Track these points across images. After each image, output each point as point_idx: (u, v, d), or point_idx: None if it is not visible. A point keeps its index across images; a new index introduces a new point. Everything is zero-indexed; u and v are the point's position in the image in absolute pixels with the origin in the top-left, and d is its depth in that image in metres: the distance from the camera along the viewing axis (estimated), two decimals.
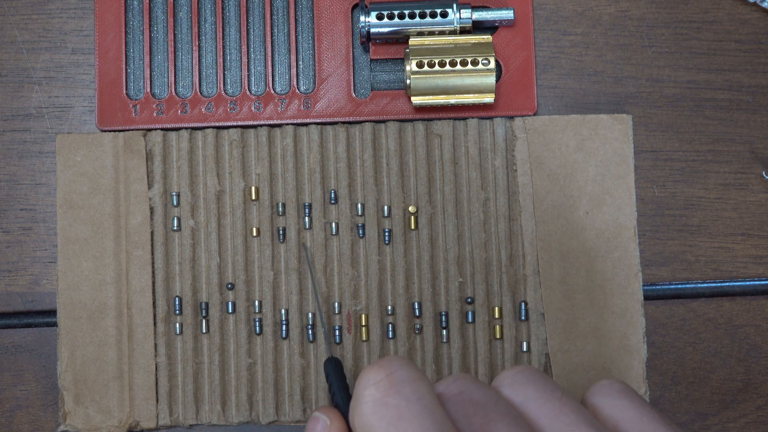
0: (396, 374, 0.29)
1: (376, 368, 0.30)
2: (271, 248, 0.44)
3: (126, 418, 0.43)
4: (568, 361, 0.43)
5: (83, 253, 0.43)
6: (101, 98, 0.44)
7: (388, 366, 0.30)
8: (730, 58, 0.45)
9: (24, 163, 0.45)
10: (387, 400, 0.29)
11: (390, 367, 0.30)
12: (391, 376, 0.29)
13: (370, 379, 0.29)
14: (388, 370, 0.30)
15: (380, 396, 0.29)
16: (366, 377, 0.30)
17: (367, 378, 0.30)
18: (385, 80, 0.45)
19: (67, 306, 0.43)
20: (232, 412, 0.43)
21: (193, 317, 0.43)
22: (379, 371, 0.30)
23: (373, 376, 0.30)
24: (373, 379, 0.29)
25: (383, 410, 0.29)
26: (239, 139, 0.44)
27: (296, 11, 0.45)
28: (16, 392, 0.44)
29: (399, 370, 0.30)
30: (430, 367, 0.43)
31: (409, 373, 0.30)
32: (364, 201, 0.44)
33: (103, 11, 0.45)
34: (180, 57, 0.45)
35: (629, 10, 0.45)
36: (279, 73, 0.45)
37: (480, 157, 0.44)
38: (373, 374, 0.30)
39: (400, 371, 0.30)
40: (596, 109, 0.45)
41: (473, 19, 0.44)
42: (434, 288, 0.44)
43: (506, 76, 0.45)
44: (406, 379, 0.29)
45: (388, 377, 0.29)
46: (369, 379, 0.29)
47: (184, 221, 0.44)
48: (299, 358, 0.43)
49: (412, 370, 0.30)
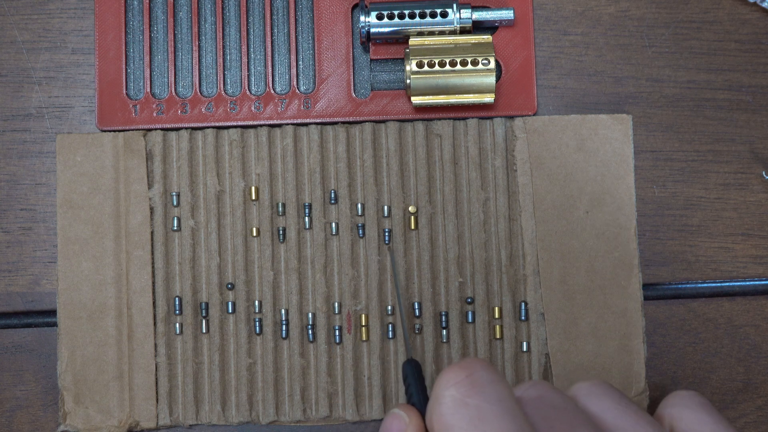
0: (477, 375, 0.30)
1: (457, 369, 0.30)
2: (271, 248, 0.44)
3: (126, 418, 0.43)
4: (568, 361, 0.43)
5: (83, 253, 0.43)
6: (101, 98, 0.44)
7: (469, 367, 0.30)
8: (730, 58, 0.45)
9: (24, 163, 0.45)
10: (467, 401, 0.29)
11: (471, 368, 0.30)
12: (472, 376, 0.30)
13: (450, 379, 0.30)
14: (469, 371, 0.30)
15: (460, 396, 0.29)
16: (446, 377, 0.30)
17: (448, 378, 0.30)
18: (385, 80, 0.45)
19: (67, 306, 0.43)
20: (232, 412, 0.43)
21: (193, 317, 0.43)
22: (459, 372, 0.30)
23: (453, 376, 0.30)
24: (453, 379, 0.30)
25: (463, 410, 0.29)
26: (239, 139, 0.44)
27: (296, 11, 0.45)
28: (16, 392, 0.44)
29: (480, 371, 0.30)
30: (430, 367, 0.43)
31: (490, 375, 0.30)
32: (364, 201, 0.44)
33: (103, 11, 0.45)
34: (180, 57, 0.45)
35: (629, 10, 0.45)
36: (279, 73, 0.45)
37: (480, 157, 0.44)
38: (453, 375, 0.30)
39: (481, 372, 0.30)
40: (596, 109, 0.45)
41: (473, 19, 0.44)
42: (434, 288, 0.44)
43: (506, 76, 0.45)
44: (487, 380, 0.30)
45: (468, 378, 0.29)
46: (449, 380, 0.30)
47: (184, 221, 0.44)
48: (299, 358, 0.43)
49: (493, 371, 0.30)
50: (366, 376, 0.43)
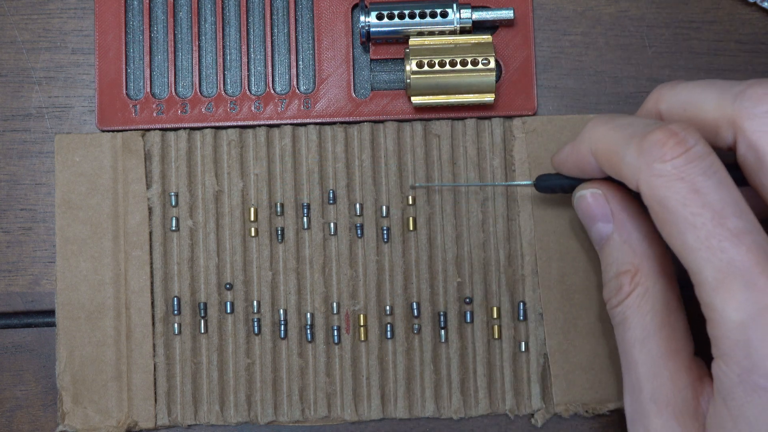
0: (693, 150, 0.31)
1: (673, 143, 0.31)
2: (269, 248, 0.44)
3: (124, 418, 0.43)
4: (566, 361, 0.43)
5: (82, 253, 0.43)
6: (101, 98, 0.44)
7: (684, 141, 0.31)
8: (730, 58, 0.45)
9: (24, 163, 0.45)
10: (683, 176, 0.30)
11: (685, 143, 0.31)
12: (689, 152, 0.31)
13: (666, 153, 0.31)
14: (684, 146, 0.31)
15: (676, 172, 0.30)
16: (661, 151, 0.31)
17: (663, 152, 0.31)
18: (385, 80, 0.45)
19: (65, 306, 0.43)
20: (231, 412, 0.43)
21: (191, 317, 0.43)
22: (676, 148, 0.31)
23: (669, 151, 0.31)
24: (670, 154, 0.31)
25: (679, 185, 0.30)
26: (238, 140, 0.44)
27: (296, 11, 0.45)
28: (16, 392, 0.44)
29: (696, 146, 0.31)
30: (429, 368, 0.43)
31: (704, 148, 0.31)
32: (362, 201, 0.44)
33: (103, 11, 0.45)
34: (180, 57, 0.45)
35: (629, 10, 0.45)
36: (279, 73, 0.45)
37: (478, 157, 0.44)
38: (670, 150, 0.31)
39: (697, 147, 0.31)
40: (596, 109, 0.45)
41: (473, 19, 0.44)
42: (433, 288, 0.44)
43: (506, 76, 0.45)
44: (702, 153, 0.31)
45: (686, 154, 0.31)
46: (665, 154, 0.31)
47: (182, 221, 0.44)
48: (297, 358, 0.43)
49: (705, 144, 0.31)
50: (364, 376, 0.43)
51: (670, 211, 0.30)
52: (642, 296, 0.34)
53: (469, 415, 0.43)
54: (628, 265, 0.35)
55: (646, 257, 0.35)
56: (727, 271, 0.29)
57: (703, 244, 0.30)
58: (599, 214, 0.36)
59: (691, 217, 0.30)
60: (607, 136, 0.34)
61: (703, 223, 0.30)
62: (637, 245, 0.35)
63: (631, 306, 0.34)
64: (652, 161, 0.31)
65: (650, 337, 0.34)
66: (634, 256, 0.35)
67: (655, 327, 0.34)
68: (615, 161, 0.33)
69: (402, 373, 0.43)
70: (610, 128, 0.34)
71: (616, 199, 0.36)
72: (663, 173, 0.30)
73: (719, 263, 0.29)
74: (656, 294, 0.34)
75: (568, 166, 0.38)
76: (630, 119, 0.34)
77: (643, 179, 0.31)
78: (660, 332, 0.34)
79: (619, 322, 0.35)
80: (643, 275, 0.34)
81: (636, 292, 0.34)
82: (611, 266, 0.36)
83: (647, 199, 0.31)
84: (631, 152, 0.32)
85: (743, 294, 0.29)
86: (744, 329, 0.29)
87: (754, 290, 0.29)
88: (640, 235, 0.35)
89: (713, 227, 0.30)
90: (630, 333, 0.34)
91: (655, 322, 0.34)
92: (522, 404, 0.43)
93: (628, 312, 0.34)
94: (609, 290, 0.36)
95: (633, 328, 0.34)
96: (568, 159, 0.37)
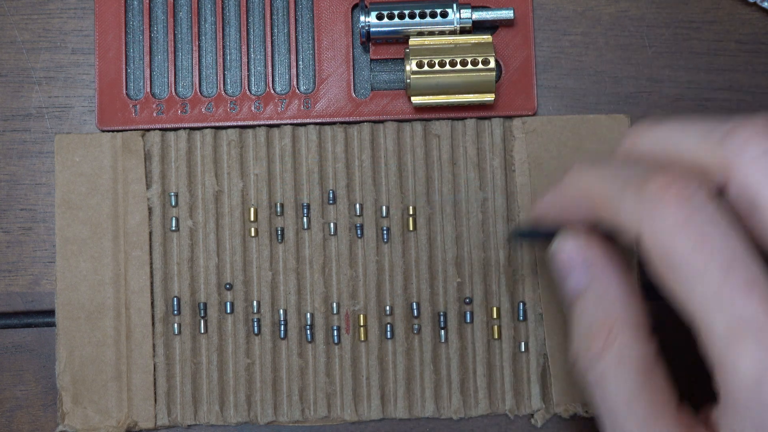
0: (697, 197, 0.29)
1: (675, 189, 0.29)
2: (269, 248, 0.44)
3: (124, 418, 0.43)
4: (566, 361, 0.43)
5: (81, 253, 0.43)
6: (101, 98, 0.44)
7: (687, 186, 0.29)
8: (730, 58, 0.45)
9: (24, 163, 0.45)
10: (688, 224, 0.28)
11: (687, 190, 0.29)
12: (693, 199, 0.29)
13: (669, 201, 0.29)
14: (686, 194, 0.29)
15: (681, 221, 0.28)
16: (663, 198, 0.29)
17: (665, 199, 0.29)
18: (385, 80, 0.45)
19: (65, 306, 0.43)
20: (231, 412, 0.43)
21: (191, 317, 0.43)
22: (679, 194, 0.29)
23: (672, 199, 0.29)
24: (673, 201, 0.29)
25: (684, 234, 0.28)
26: (237, 140, 0.44)
27: (296, 11, 0.45)
28: (16, 392, 0.44)
29: (699, 192, 0.29)
30: (429, 368, 0.43)
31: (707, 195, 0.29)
32: (362, 201, 0.44)
33: (103, 11, 0.45)
34: (180, 57, 0.45)
35: (629, 10, 0.45)
36: (279, 73, 0.45)
37: (478, 158, 0.44)
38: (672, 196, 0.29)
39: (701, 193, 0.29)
40: (596, 109, 0.45)
41: (473, 19, 0.44)
42: (432, 288, 0.44)
43: (506, 76, 0.45)
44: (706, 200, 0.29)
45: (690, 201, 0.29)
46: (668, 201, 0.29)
47: (182, 221, 0.44)
48: (297, 359, 0.43)
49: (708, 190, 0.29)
50: (364, 377, 0.43)
51: (675, 263, 0.29)
52: (620, 354, 0.32)
53: (469, 415, 0.43)
54: (604, 321, 0.33)
55: (623, 312, 0.33)
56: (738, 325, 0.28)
57: (713, 297, 0.28)
58: (577, 265, 0.34)
59: (699, 269, 0.28)
60: (600, 183, 0.32)
61: (712, 275, 0.28)
62: (615, 300, 0.33)
63: (609, 365, 0.32)
64: (654, 210, 0.29)
65: (635, 398, 0.32)
66: (610, 311, 0.33)
67: (638, 387, 0.32)
68: (610, 210, 0.31)
69: (402, 373, 0.43)
70: (602, 175, 0.32)
71: (596, 250, 0.34)
72: (666, 222, 0.29)
73: (730, 317, 0.28)
74: (635, 351, 0.32)
75: (552, 213, 0.36)
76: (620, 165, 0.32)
77: (644, 229, 0.29)
78: (643, 391, 0.32)
79: (595, 382, 0.33)
80: (620, 332, 0.32)
81: (613, 350, 0.32)
82: (584, 321, 0.34)
83: (649, 249, 0.29)
84: (629, 200, 0.30)
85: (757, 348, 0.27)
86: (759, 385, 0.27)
87: None
88: (618, 289, 0.33)
89: (723, 279, 0.28)
90: (612, 395, 0.32)
91: (638, 381, 0.32)
92: (522, 404, 0.43)
93: (606, 371, 0.32)
94: (580, 347, 0.33)
95: (615, 389, 0.32)
96: (552, 205, 0.35)
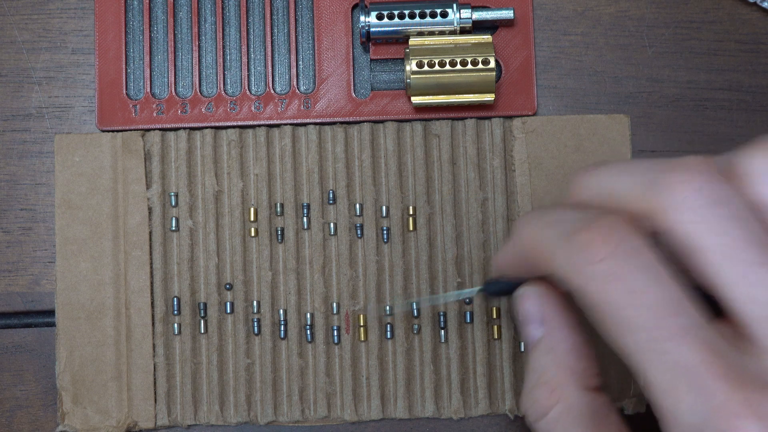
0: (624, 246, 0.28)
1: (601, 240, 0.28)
2: (269, 248, 0.44)
3: (124, 418, 0.43)
4: None
5: (81, 253, 0.43)
6: (101, 98, 0.44)
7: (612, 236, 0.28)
8: (730, 58, 0.45)
9: (24, 163, 0.45)
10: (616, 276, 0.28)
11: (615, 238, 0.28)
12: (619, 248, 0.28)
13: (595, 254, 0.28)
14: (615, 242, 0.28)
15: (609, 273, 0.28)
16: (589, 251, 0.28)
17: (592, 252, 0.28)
18: (385, 80, 0.45)
19: (65, 306, 0.43)
20: (231, 412, 0.43)
21: (191, 317, 0.43)
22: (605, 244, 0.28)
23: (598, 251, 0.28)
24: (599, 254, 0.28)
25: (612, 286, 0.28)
26: (237, 140, 0.44)
27: (296, 11, 0.45)
28: (16, 392, 0.44)
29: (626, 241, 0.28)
30: (429, 368, 0.43)
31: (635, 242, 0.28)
32: (362, 201, 0.44)
33: (103, 11, 0.45)
34: (180, 57, 0.45)
35: (629, 10, 0.45)
36: (279, 73, 0.45)
37: (478, 158, 0.44)
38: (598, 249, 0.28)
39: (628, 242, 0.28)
40: (596, 109, 0.45)
41: (473, 19, 0.44)
42: (433, 288, 0.44)
43: (506, 76, 0.45)
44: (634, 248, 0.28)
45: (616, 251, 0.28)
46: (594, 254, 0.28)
47: (182, 221, 0.44)
48: (297, 359, 0.43)
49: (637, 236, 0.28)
50: (364, 377, 0.43)
51: (607, 315, 0.28)
52: (565, 413, 0.32)
53: (469, 415, 0.43)
54: (550, 377, 0.32)
55: (570, 370, 0.32)
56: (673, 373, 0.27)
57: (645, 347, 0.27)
58: (532, 316, 0.34)
59: (629, 320, 0.27)
60: (538, 236, 0.31)
61: (643, 325, 0.27)
62: (563, 356, 0.33)
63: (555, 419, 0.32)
64: (583, 264, 0.28)
65: None
66: (557, 368, 0.32)
67: None
68: (547, 263, 0.31)
69: (402, 373, 0.43)
70: (540, 226, 0.31)
71: (551, 302, 0.34)
72: (594, 276, 0.28)
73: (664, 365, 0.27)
74: (581, 408, 0.32)
75: (506, 267, 0.35)
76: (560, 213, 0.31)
77: (575, 284, 0.29)
78: None
79: None
80: (564, 390, 0.32)
81: (557, 408, 0.32)
82: (534, 374, 0.33)
83: (583, 303, 0.29)
84: (562, 254, 0.29)
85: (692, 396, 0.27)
86: None
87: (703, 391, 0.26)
88: (568, 345, 0.33)
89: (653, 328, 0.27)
90: None
91: None
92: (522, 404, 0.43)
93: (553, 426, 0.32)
94: (527, 401, 0.33)
95: None
96: (505, 260, 0.35)
